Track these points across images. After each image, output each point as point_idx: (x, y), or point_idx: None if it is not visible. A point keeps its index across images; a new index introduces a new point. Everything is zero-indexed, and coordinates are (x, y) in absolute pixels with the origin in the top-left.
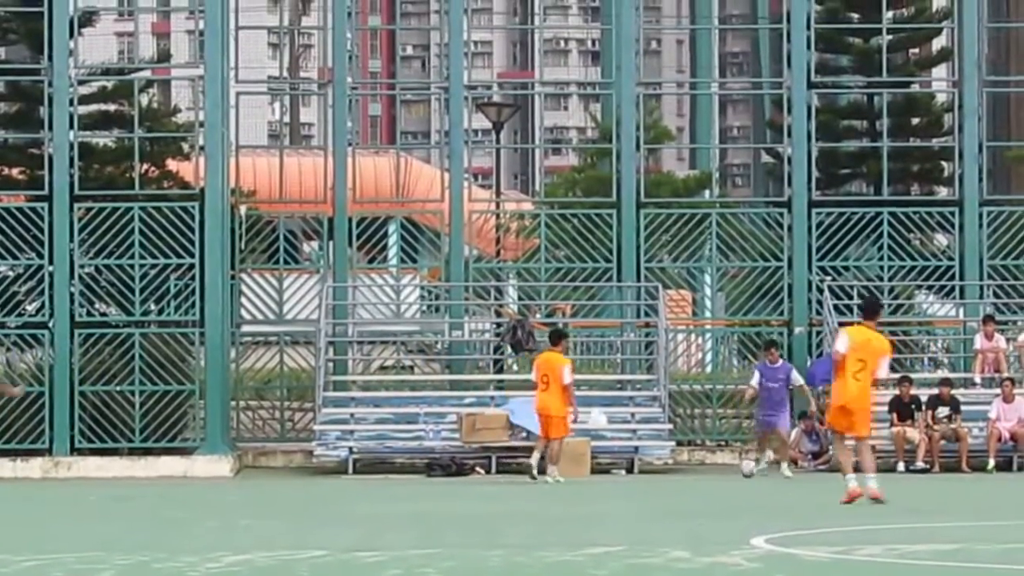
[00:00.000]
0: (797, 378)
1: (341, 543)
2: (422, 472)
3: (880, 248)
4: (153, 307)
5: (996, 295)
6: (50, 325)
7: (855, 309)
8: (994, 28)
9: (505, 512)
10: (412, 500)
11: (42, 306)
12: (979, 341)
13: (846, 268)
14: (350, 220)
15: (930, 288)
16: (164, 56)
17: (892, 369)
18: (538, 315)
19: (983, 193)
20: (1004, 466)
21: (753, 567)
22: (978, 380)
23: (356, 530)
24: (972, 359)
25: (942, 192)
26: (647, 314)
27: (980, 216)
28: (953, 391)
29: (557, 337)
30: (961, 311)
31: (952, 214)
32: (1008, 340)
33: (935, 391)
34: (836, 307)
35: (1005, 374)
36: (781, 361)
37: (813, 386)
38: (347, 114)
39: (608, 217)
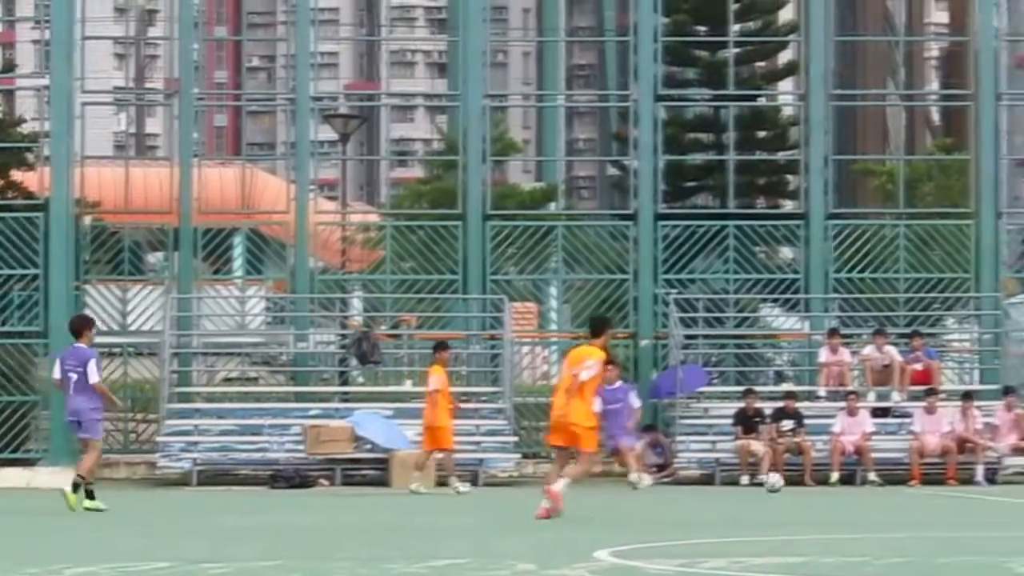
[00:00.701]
0: (635, 401)
1: (186, 555)
2: (266, 484)
3: (726, 261)
4: None
5: (841, 309)
6: None
7: (700, 322)
8: (841, 41)
9: (350, 524)
10: (257, 512)
11: None
12: (824, 354)
13: (692, 281)
14: (195, 231)
15: (775, 301)
16: (9, 66)
17: (737, 382)
18: (383, 327)
19: (829, 206)
20: (847, 479)
21: None
22: (822, 393)
23: (201, 542)
24: (817, 372)
25: (788, 205)
26: (493, 326)
27: (826, 229)
28: (797, 404)
29: (434, 349)
30: (806, 324)
31: (798, 227)
32: (853, 354)
33: (780, 404)
34: (682, 320)
35: (849, 388)
36: (620, 383)
37: (659, 398)
38: (193, 125)
39: (454, 229)
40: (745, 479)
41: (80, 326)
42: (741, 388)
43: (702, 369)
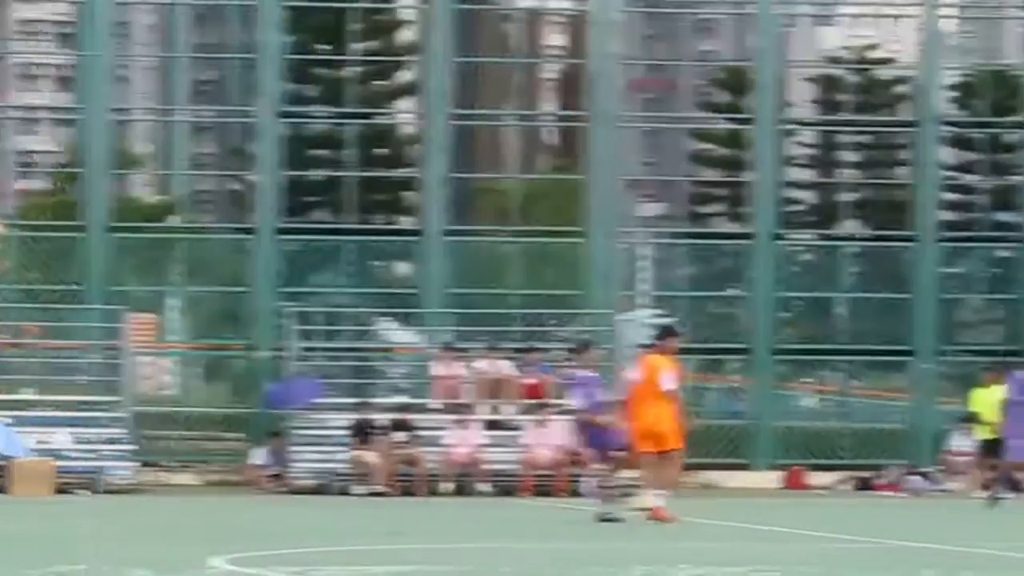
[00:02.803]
0: None
1: None
2: None
3: (344, 276)
4: None
5: (456, 323)
6: None
7: (317, 335)
8: (460, 62)
9: None
10: None
11: None
12: (438, 368)
13: (310, 295)
14: None
15: (392, 315)
16: None
17: (352, 394)
18: (5, 336)
19: (445, 223)
20: (459, 490)
21: None
22: (435, 406)
23: None
24: (431, 385)
25: (406, 222)
26: (113, 336)
27: (442, 246)
28: (411, 416)
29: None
30: (422, 338)
31: (415, 243)
32: (466, 367)
33: (394, 416)
34: (300, 333)
35: (462, 400)
36: None
37: (273, 408)
38: None
39: (77, 241)
40: (359, 489)
41: None
42: (357, 400)
43: (315, 381)
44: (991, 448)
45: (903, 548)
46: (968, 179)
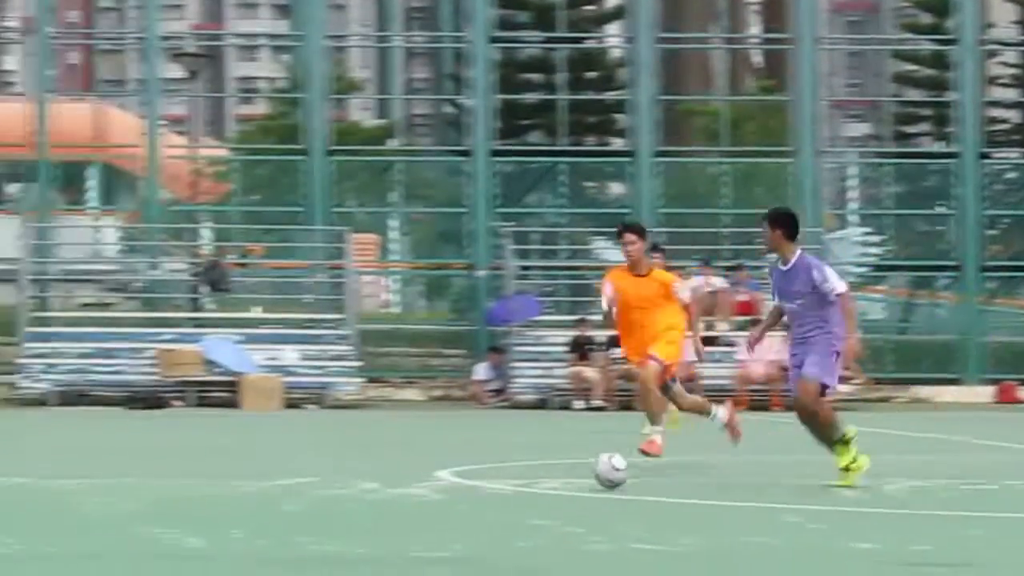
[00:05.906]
0: None
1: (42, 471)
2: (122, 404)
3: (558, 196)
4: None
5: (666, 242)
6: None
7: (534, 254)
8: None
9: (202, 444)
10: (112, 432)
11: None
12: None
13: (526, 214)
14: (51, 164)
15: (606, 234)
16: None
17: (570, 311)
18: (231, 256)
19: (655, 144)
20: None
21: (438, 498)
22: None
23: (58, 459)
24: None
25: (617, 143)
26: (336, 257)
27: (652, 166)
28: None
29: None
30: None
31: (626, 164)
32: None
33: (612, 332)
34: (516, 252)
35: None
36: None
37: (494, 326)
38: (48, 62)
39: (299, 164)
40: (579, 403)
41: None
42: (575, 317)
43: (534, 299)
44: None
45: None
46: None
